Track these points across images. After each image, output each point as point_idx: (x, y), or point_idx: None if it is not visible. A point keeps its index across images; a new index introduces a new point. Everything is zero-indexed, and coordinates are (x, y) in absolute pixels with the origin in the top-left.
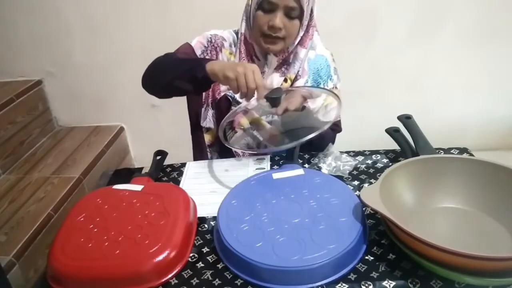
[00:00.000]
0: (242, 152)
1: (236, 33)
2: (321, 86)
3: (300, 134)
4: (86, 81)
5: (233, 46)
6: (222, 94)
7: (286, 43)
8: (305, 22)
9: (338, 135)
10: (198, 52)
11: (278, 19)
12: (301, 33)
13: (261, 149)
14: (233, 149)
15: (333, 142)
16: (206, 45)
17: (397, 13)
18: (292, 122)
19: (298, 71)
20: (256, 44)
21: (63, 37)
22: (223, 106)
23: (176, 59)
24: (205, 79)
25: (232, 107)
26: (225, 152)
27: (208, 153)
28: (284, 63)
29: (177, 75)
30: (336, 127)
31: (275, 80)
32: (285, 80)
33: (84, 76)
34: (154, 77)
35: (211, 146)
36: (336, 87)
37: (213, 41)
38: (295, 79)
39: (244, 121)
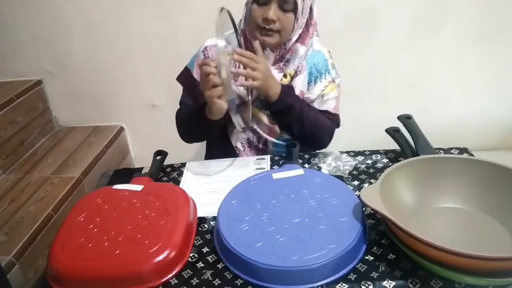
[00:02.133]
0: (242, 147)
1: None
2: (319, 80)
3: None
4: (86, 81)
5: (228, 47)
6: None
7: (282, 36)
8: (302, 18)
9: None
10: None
11: (272, 11)
12: (299, 31)
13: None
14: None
15: (331, 136)
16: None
17: (397, 12)
18: None
19: (298, 67)
20: (254, 39)
21: (63, 37)
22: None
23: (185, 113)
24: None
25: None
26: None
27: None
28: (282, 59)
29: (196, 128)
30: (332, 116)
31: (273, 75)
32: (285, 76)
33: (84, 76)
34: (184, 134)
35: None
36: (334, 81)
37: (207, 55)
38: (295, 74)
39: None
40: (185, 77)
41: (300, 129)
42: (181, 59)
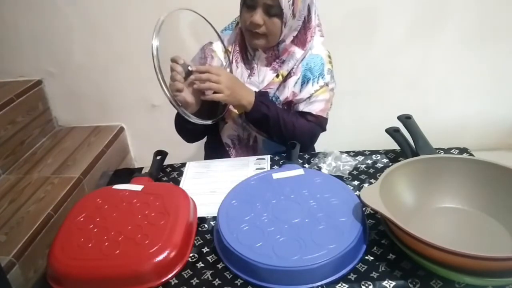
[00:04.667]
0: (232, 144)
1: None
2: (311, 83)
3: None
4: (86, 81)
5: (220, 44)
6: None
7: (269, 40)
8: (297, 21)
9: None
10: None
11: (258, 15)
12: (293, 33)
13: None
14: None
15: (312, 139)
16: (201, 56)
17: (397, 13)
18: None
19: (293, 68)
20: (246, 40)
21: (63, 37)
22: None
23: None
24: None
25: None
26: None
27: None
28: (276, 59)
29: (185, 125)
30: (314, 118)
31: (267, 75)
32: (277, 76)
33: (84, 76)
34: (181, 134)
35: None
36: (327, 85)
37: (203, 54)
38: (288, 76)
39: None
40: None
41: (279, 135)
42: None
